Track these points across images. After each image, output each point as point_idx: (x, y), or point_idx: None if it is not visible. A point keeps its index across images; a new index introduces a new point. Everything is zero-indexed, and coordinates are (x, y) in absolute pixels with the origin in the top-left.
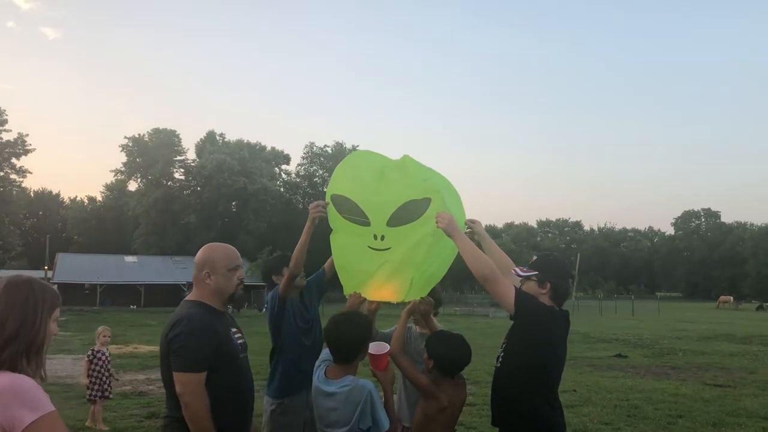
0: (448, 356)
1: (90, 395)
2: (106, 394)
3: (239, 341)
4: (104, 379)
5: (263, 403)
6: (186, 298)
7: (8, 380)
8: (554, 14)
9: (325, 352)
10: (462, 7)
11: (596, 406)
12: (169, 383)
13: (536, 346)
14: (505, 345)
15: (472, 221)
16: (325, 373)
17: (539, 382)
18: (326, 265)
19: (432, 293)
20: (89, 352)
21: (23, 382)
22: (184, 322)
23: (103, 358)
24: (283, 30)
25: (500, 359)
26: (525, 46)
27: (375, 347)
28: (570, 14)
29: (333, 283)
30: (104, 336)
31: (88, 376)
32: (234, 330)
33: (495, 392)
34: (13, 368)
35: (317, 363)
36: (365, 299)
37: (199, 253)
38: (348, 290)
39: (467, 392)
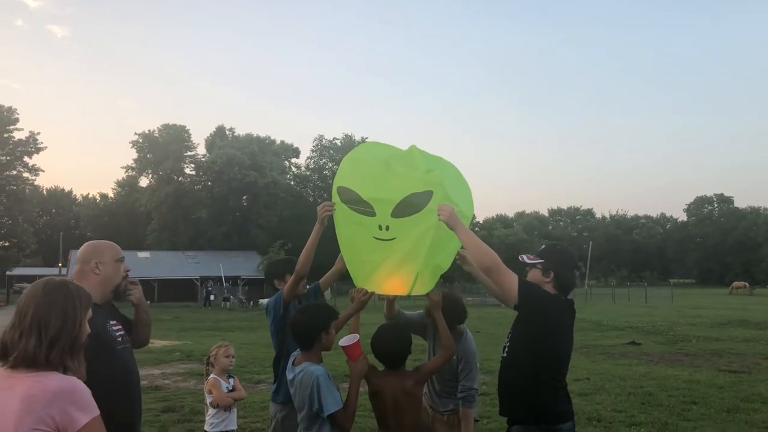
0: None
1: None
2: None
3: (118, 333)
4: None
5: (270, 411)
6: None
7: (65, 383)
8: (563, 2)
9: None
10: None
11: (610, 394)
12: None
13: (541, 335)
14: (510, 335)
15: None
16: (293, 361)
17: (545, 371)
18: (322, 281)
19: (456, 306)
20: None
21: (78, 385)
22: None
23: None
24: (290, 23)
25: (506, 349)
26: (535, 35)
27: (345, 340)
28: (578, 2)
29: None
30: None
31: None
32: (113, 323)
33: (502, 382)
34: (64, 368)
35: (293, 353)
36: (372, 293)
37: (82, 248)
38: (357, 282)
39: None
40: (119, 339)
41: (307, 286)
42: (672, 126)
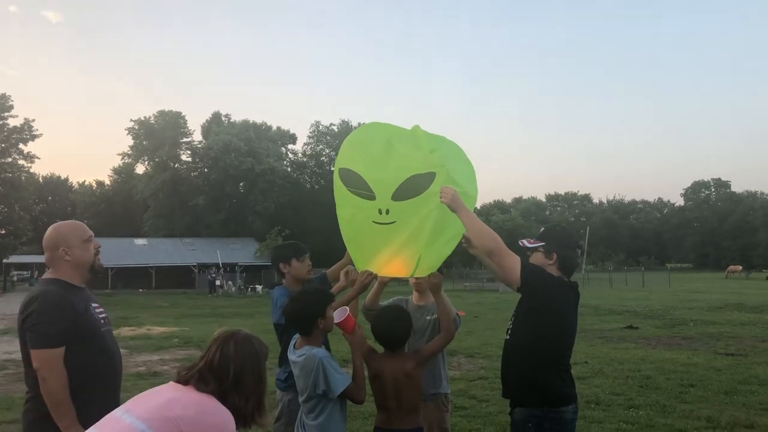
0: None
1: None
2: None
3: (101, 315)
4: None
5: (276, 395)
6: (43, 277)
7: (222, 421)
8: None
9: None
10: None
11: (608, 378)
12: (27, 361)
13: (545, 317)
14: (514, 317)
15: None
16: (294, 344)
17: (549, 353)
18: (329, 271)
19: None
20: None
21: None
22: (39, 300)
23: None
24: (286, 8)
25: (509, 331)
26: (532, 18)
27: (337, 315)
28: None
29: None
30: None
31: None
32: (95, 305)
33: (505, 364)
34: (251, 423)
35: (294, 336)
36: (376, 276)
37: (47, 234)
38: (359, 265)
39: (478, 366)
40: (102, 321)
41: (312, 274)
42: (669, 110)
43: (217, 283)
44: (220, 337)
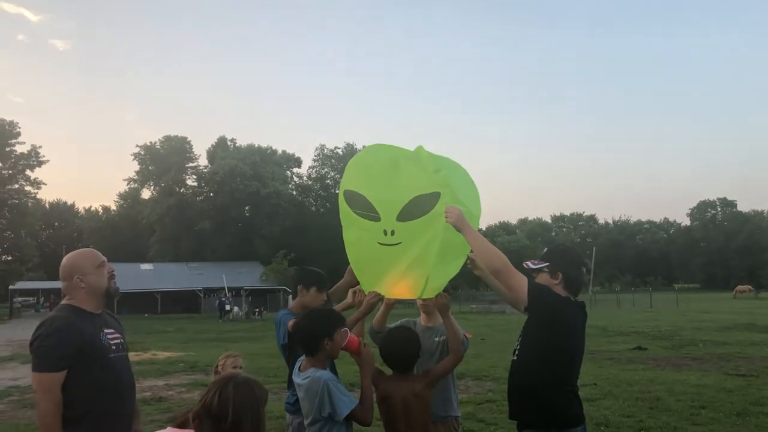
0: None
1: None
2: None
3: (114, 341)
4: None
5: (286, 419)
6: (61, 303)
7: None
8: (566, 6)
9: None
10: (468, 4)
11: (617, 399)
12: None
13: (552, 337)
14: (521, 338)
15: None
16: (299, 367)
17: (556, 374)
18: (332, 291)
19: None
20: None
21: None
22: (46, 324)
23: None
24: (291, 33)
25: (517, 352)
26: (533, 38)
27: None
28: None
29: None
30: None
31: None
32: (109, 331)
33: (512, 385)
34: None
35: (300, 357)
36: (383, 297)
37: (62, 264)
38: (366, 287)
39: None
40: (113, 347)
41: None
42: (674, 129)
43: (227, 307)
44: (219, 380)
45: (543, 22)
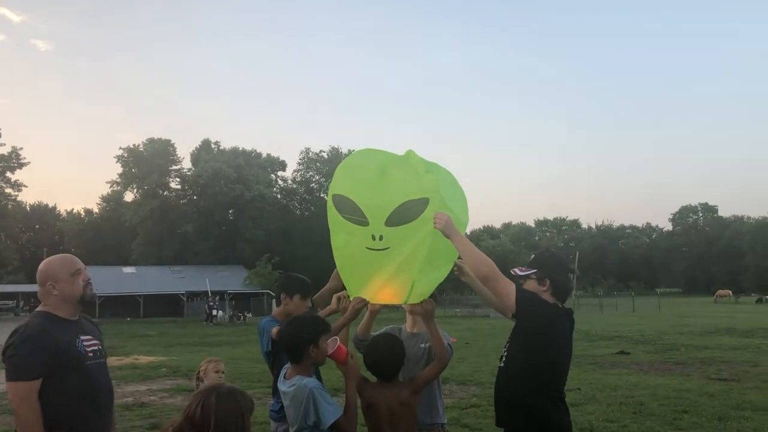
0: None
1: None
2: None
3: (91, 348)
4: None
5: (271, 427)
6: (36, 309)
7: None
8: (548, 13)
9: None
10: (455, 10)
11: (601, 404)
12: None
13: (540, 344)
14: (508, 344)
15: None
16: (285, 375)
17: (544, 381)
18: (316, 297)
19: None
20: None
21: None
22: (20, 332)
23: None
24: (275, 36)
25: (504, 359)
26: (518, 44)
27: (329, 346)
28: (564, 12)
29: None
30: None
31: None
32: (85, 338)
33: (499, 392)
34: None
35: (285, 366)
36: (368, 302)
37: (38, 270)
38: (352, 292)
39: (471, 393)
40: (90, 354)
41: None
42: (656, 136)
43: (214, 312)
44: (202, 390)
45: (526, 26)
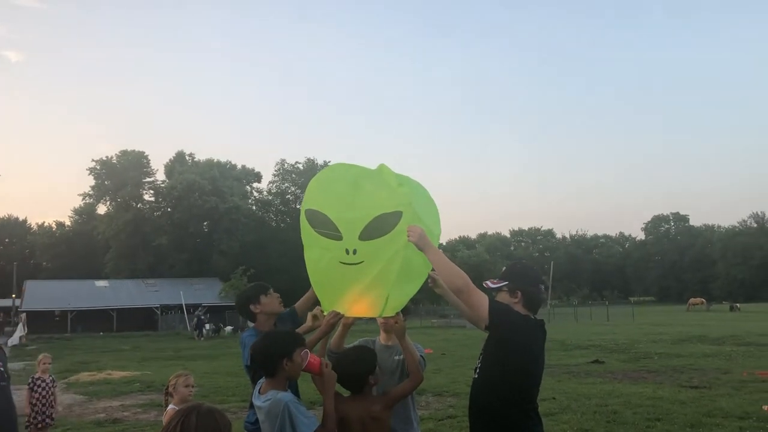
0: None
1: (28, 422)
2: (48, 421)
3: None
4: (46, 406)
5: None
6: None
7: None
8: (521, 27)
9: None
10: (428, 23)
11: (575, 413)
12: None
13: (513, 355)
14: (482, 356)
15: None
16: (259, 390)
17: (517, 392)
18: (297, 305)
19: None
20: (30, 380)
21: None
22: None
23: (44, 385)
24: (250, 48)
25: (478, 370)
26: (493, 57)
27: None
28: (536, 26)
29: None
30: (44, 363)
31: (30, 404)
32: None
33: (473, 403)
34: None
35: (260, 380)
36: (342, 316)
37: None
38: (326, 306)
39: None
40: None
41: (283, 306)
42: (629, 146)
43: (206, 326)
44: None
45: (497, 39)
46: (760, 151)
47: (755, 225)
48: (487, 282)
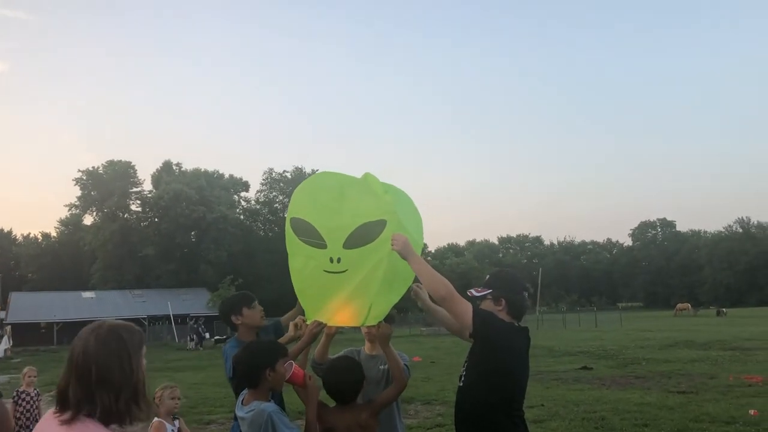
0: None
1: None
2: None
3: None
4: (31, 420)
5: None
6: None
7: None
8: (503, 31)
9: None
10: (419, 30)
11: (564, 420)
12: None
13: (497, 362)
14: (467, 363)
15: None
16: (242, 401)
17: (502, 399)
18: (284, 318)
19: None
20: (14, 393)
21: None
22: None
23: (28, 398)
24: (237, 56)
25: (463, 377)
26: (478, 64)
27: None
28: (518, 30)
29: None
30: (30, 376)
31: (14, 417)
32: None
33: (459, 409)
34: (130, 417)
35: (243, 391)
36: (325, 325)
37: None
38: (309, 315)
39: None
40: None
41: (265, 321)
42: (615, 152)
43: (206, 336)
44: (81, 335)
45: (480, 43)
46: (745, 156)
47: (741, 230)
48: (471, 290)
